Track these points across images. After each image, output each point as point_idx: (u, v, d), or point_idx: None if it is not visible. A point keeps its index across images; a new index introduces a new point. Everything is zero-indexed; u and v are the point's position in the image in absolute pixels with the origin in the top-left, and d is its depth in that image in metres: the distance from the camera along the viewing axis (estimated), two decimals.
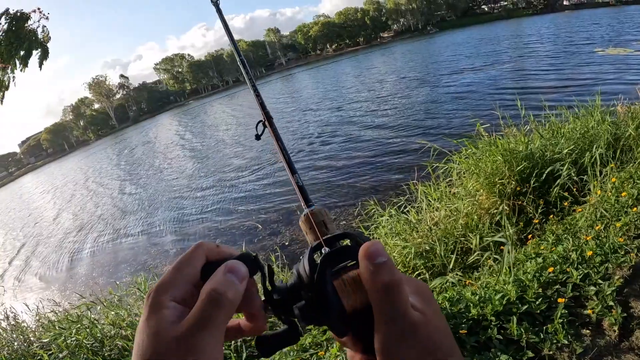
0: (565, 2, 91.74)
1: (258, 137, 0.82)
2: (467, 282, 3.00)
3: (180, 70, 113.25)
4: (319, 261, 0.47)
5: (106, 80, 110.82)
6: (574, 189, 4.45)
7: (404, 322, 0.42)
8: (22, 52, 5.25)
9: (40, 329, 5.54)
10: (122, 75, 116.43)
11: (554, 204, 4.45)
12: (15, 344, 5.11)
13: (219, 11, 1.06)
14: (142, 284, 5.36)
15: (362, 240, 0.48)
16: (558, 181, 4.49)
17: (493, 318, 2.23)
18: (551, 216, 4.16)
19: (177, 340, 0.39)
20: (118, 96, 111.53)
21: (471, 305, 2.31)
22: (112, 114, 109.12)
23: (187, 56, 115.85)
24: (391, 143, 12.84)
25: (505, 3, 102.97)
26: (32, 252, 14.98)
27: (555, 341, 2.03)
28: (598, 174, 4.45)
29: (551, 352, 1.99)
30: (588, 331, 2.14)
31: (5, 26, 4.87)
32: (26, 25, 5.02)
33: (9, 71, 5.40)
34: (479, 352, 2.02)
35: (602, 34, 29.76)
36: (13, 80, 5.57)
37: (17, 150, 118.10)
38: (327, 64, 77.81)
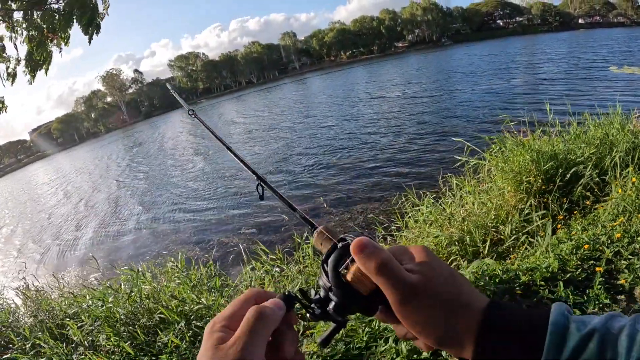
0: (580, 21, 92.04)
1: (261, 197, 0.88)
2: (512, 257, 3.27)
3: (194, 68, 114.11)
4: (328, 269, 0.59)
5: (120, 74, 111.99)
6: (596, 189, 4.70)
7: (403, 287, 0.52)
8: (80, 23, 5.31)
9: (65, 302, 5.42)
10: (136, 70, 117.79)
11: (577, 202, 4.70)
12: (41, 314, 4.98)
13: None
14: (180, 262, 5.46)
15: (354, 238, 0.59)
16: (581, 181, 4.74)
17: (543, 283, 2.54)
18: (575, 212, 4.42)
19: (228, 347, 0.49)
20: (131, 90, 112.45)
21: (520, 273, 2.60)
22: (124, 108, 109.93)
23: (201, 55, 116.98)
24: (420, 146, 13.18)
25: (521, 19, 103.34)
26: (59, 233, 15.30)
27: (597, 302, 2.33)
28: (618, 175, 4.70)
29: (595, 310, 2.28)
30: (623, 297, 2.43)
31: None
32: None
33: (54, 43, 5.54)
34: None
35: (618, 52, 29.90)
36: (60, 52, 5.71)
37: (27, 138, 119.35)
38: (340, 70, 78.08)
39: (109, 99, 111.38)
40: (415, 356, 2.20)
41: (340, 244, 0.61)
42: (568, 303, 2.35)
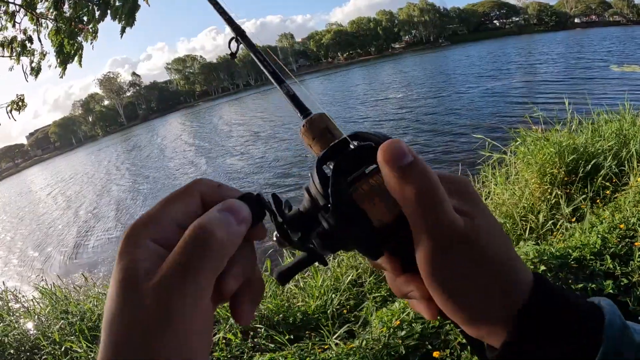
0: (576, 20, 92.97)
1: (233, 55, 0.75)
2: (557, 235, 3.59)
3: (191, 71, 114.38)
4: (330, 173, 0.39)
5: (117, 77, 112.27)
6: (614, 180, 5.02)
7: (449, 231, 0.35)
8: (115, 14, 5.16)
9: (93, 302, 5.18)
10: (134, 73, 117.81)
11: (597, 192, 5.01)
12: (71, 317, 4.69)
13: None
14: None
15: (380, 138, 0.40)
16: (601, 172, 5.06)
17: (593, 257, 2.86)
18: (598, 200, 4.74)
19: (149, 292, 0.30)
20: (128, 94, 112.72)
21: (570, 250, 2.92)
22: (122, 111, 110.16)
23: (199, 57, 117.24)
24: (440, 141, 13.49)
25: (517, 19, 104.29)
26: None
27: None
28: (635, 165, 5.03)
29: None
30: None
31: None
32: None
33: (83, 36, 5.39)
34: (586, 282, 2.65)
35: (617, 51, 30.36)
36: (92, 42, 5.55)
37: (25, 142, 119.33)
38: (338, 72, 78.36)
39: (106, 102, 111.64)
40: None
41: (354, 143, 0.42)
42: (616, 274, 2.67)
